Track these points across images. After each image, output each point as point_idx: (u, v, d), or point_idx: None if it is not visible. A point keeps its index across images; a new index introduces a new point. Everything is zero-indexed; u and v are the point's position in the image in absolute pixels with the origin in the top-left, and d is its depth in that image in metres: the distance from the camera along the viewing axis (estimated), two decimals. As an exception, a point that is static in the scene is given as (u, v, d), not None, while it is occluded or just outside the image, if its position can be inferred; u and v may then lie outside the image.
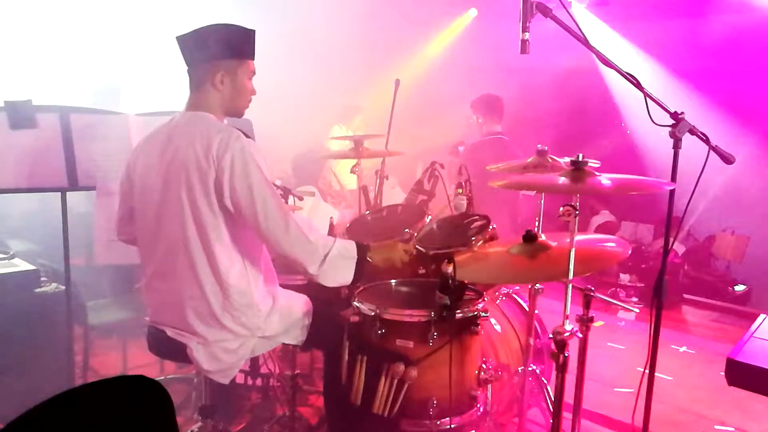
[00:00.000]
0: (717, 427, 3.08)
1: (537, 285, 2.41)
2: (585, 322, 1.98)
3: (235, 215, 1.96)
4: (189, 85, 2.07)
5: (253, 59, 2.10)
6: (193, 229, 1.96)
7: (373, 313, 2.12)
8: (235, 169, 1.91)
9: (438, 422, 2.08)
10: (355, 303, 2.22)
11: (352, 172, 3.40)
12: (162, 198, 2.00)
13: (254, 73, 2.11)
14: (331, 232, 2.94)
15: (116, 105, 4.27)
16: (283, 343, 2.25)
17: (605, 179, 1.80)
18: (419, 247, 2.53)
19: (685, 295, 5.26)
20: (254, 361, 2.96)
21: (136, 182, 2.11)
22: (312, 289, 2.51)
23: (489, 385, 2.22)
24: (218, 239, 1.97)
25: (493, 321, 2.55)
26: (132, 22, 5.25)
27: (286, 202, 2.94)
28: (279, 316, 2.15)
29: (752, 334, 1.76)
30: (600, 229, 5.86)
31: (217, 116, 2.06)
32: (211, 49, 2.00)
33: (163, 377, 3.38)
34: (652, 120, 1.85)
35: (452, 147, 4.23)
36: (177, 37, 2.02)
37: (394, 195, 5.07)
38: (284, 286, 2.29)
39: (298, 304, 2.25)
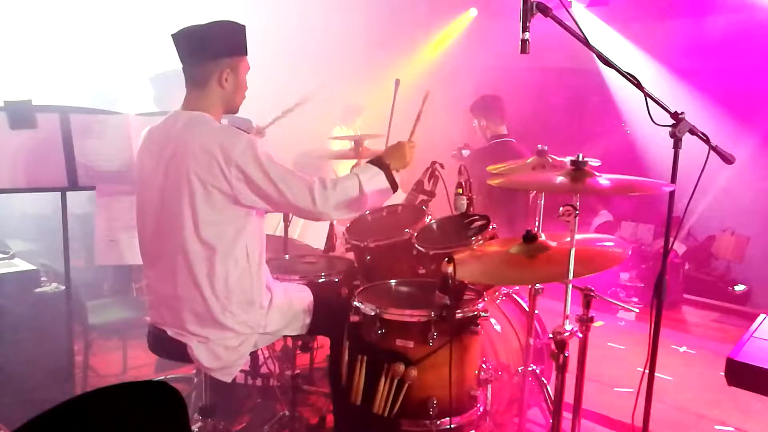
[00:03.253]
0: (717, 427, 3.08)
1: (537, 285, 2.40)
2: (585, 322, 1.98)
3: (269, 206, 2.00)
4: (187, 84, 2.06)
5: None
6: (193, 231, 1.95)
7: (373, 313, 2.12)
8: (248, 167, 1.92)
9: (438, 422, 2.08)
10: (355, 303, 2.22)
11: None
12: (161, 199, 2.00)
13: (249, 68, 2.12)
14: (331, 231, 2.94)
15: (114, 105, 4.28)
16: (289, 336, 2.27)
17: (605, 179, 1.81)
18: (419, 247, 2.54)
19: (685, 295, 5.26)
20: (254, 362, 2.96)
21: (137, 184, 2.10)
22: (312, 288, 2.51)
23: (489, 385, 2.22)
24: (221, 238, 1.97)
25: (493, 321, 2.54)
26: (131, 23, 5.26)
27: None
28: (279, 312, 2.17)
29: (752, 334, 1.76)
30: (600, 229, 5.86)
31: (217, 115, 2.06)
32: (218, 47, 2.00)
33: (162, 377, 3.38)
34: (652, 120, 1.85)
35: (456, 150, 4.10)
36: (174, 35, 2.00)
37: (394, 195, 5.06)
38: (284, 286, 2.29)
39: (298, 296, 2.26)
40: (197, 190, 1.92)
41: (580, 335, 1.94)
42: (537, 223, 2.35)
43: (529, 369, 2.47)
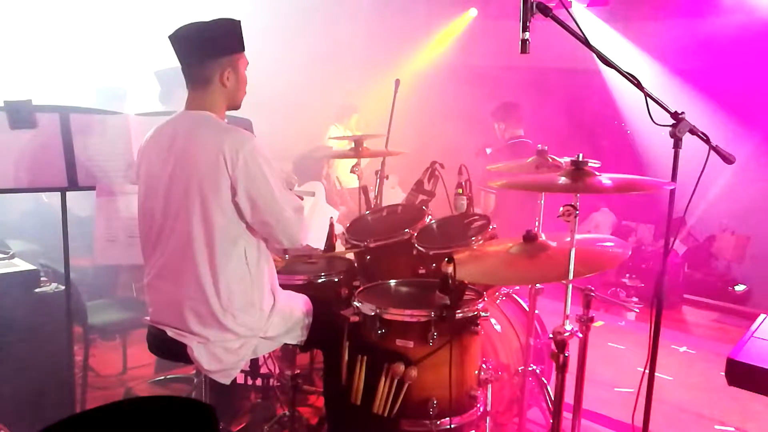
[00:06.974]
0: (717, 427, 3.08)
1: (537, 285, 2.40)
2: (585, 322, 1.98)
3: (251, 212, 1.97)
4: (188, 84, 2.05)
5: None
6: (201, 230, 1.95)
7: (373, 313, 2.12)
8: (249, 171, 1.92)
9: (438, 422, 2.08)
10: (355, 303, 2.22)
11: (352, 171, 3.40)
12: (168, 198, 2.00)
13: (248, 63, 2.12)
14: (331, 231, 2.94)
15: (121, 103, 4.28)
16: (285, 344, 2.26)
17: (605, 178, 1.81)
18: (419, 247, 2.54)
19: (685, 295, 5.25)
20: (254, 361, 2.95)
21: (141, 183, 2.10)
22: (312, 288, 2.51)
23: (489, 385, 2.22)
24: (224, 240, 1.97)
25: (493, 321, 2.54)
26: (132, 22, 5.25)
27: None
28: (280, 317, 2.15)
29: (752, 334, 1.76)
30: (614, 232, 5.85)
31: (220, 113, 2.07)
32: (218, 47, 2.00)
33: (162, 377, 3.38)
34: (652, 120, 1.85)
35: (479, 149, 4.32)
36: (171, 37, 2.00)
37: (394, 195, 5.08)
38: (284, 286, 2.29)
39: (299, 304, 2.25)
40: (205, 189, 1.93)
41: (580, 335, 1.95)
42: (537, 223, 2.36)
43: (529, 369, 2.47)
